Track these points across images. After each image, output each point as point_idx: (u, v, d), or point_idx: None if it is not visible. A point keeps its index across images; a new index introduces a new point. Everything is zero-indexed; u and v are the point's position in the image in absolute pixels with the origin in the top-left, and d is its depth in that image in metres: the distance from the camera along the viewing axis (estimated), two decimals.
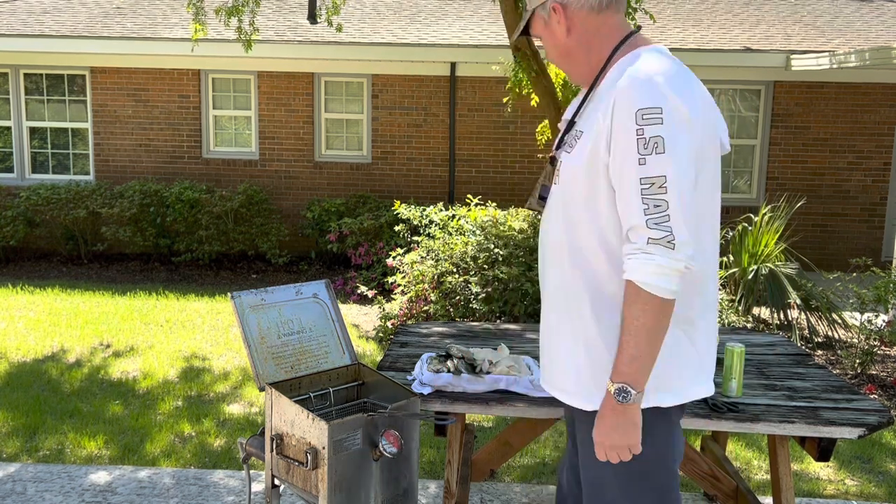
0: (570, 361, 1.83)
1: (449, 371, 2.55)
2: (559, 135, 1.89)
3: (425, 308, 5.81)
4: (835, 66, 8.01)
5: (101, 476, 3.63)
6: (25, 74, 9.70)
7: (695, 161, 1.65)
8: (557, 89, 6.54)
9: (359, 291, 7.56)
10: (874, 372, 5.46)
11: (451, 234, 6.51)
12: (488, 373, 2.55)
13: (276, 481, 2.31)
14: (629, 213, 1.65)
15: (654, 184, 1.60)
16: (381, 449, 2.16)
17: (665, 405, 1.79)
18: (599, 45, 1.82)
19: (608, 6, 1.81)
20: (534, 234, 6.31)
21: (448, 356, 2.64)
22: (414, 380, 2.56)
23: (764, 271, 6.41)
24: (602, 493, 1.85)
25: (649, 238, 1.62)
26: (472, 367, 2.57)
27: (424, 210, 7.09)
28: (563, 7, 1.81)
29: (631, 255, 1.65)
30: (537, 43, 7.15)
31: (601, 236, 1.74)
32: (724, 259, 6.85)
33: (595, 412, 1.80)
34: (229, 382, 5.06)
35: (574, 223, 1.78)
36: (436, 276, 5.94)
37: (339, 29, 8.17)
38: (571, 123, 1.85)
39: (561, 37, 1.83)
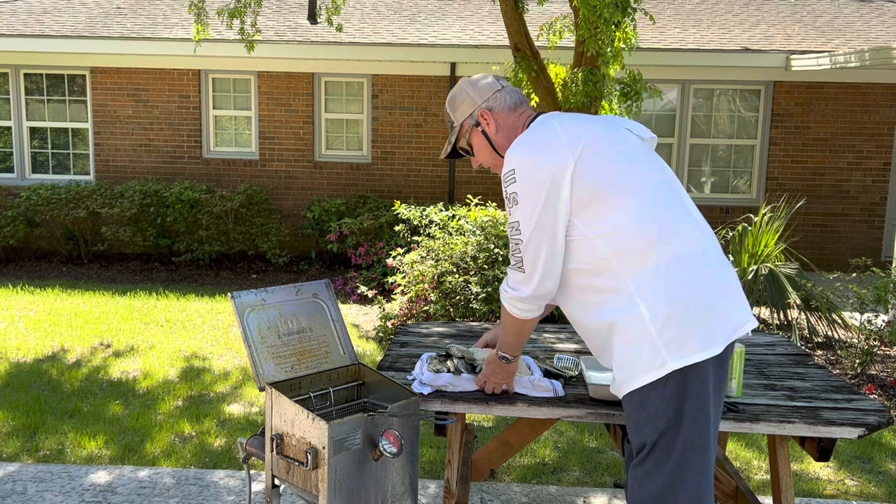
0: (608, 360, 2.18)
1: (449, 371, 2.55)
2: None
3: (425, 308, 5.81)
4: (835, 66, 8.01)
5: (101, 476, 3.63)
6: (25, 74, 9.70)
7: (547, 198, 2.06)
8: (557, 89, 6.54)
9: (359, 291, 7.56)
10: (874, 372, 5.46)
11: (451, 234, 6.51)
12: None
13: (276, 481, 2.31)
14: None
15: (513, 227, 2.13)
16: (381, 449, 2.16)
17: (643, 383, 2.04)
18: (517, 136, 2.27)
19: (521, 104, 2.31)
20: None
21: (448, 356, 2.64)
22: (414, 379, 2.56)
23: (764, 271, 6.41)
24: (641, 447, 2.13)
25: (510, 267, 2.18)
26: (472, 367, 2.57)
27: (424, 210, 7.09)
28: (489, 111, 2.30)
29: (503, 282, 2.22)
30: (538, 43, 7.15)
31: (583, 258, 2.14)
32: None
33: (631, 392, 2.08)
34: (229, 382, 5.07)
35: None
36: (436, 276, 5.95)
37: (340, 29, 8.18)
38: None
39: (493, 136, 2.31)
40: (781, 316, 6.32)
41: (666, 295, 2.02)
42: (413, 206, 7.28)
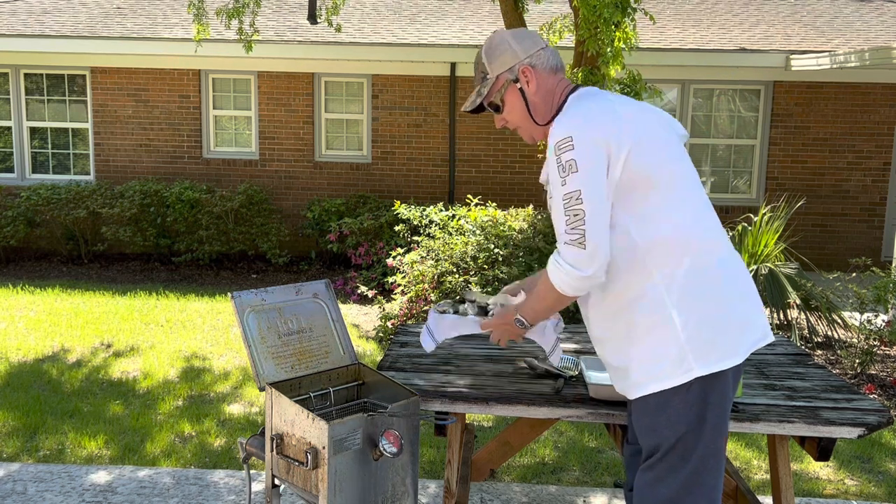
0: (623, 360, 2.10)
1: (456, 313, 2.50)
2: None
3: (425, 308, 5.81)
4: (834, 66, 8.01)
5: (101, 476, 3.63)
6: (26, 74, 9.70)
7: (605, 170, 1.95)
8: None
9: (359, 291, 7.56)
10: (874, 372, 5.47)
11: (451, 234, 6.51)
12: None
13: (276, 481, 2.31)
14: (558, 224, 1.98)
15: (572, 197, 1.94)
16: (381, 449, 2.16)
17: (665, 387, 2.01)
18: (554, 101, 2.16)
19: (561, 68, 2.18)
20: (533, 233, 6.31)
21: (462, 300, 2.59)
22: (425, 327, 2.52)
23: (764, 271, 6.41)
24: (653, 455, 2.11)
25: (566, 241, 1.96)
26: (485, 311, 2.50)
27: (424, 210, 7.09)
28: (532, 68, 2.14)
29: (554, 256, 2.02)
30: None
31: (615, 250, 2.04)
32: None
33: (643, 397, 2.05)
34: (229, 382, 5.07)
35: None
36: (436, 276, 5.95)
37: (339, 29, 8.19)
38: None
39: (531, 95, 2.14)
40: (781, 316, 6.32)
41: (698, 301, 1.98)
42: (413, 206, 7.28)
